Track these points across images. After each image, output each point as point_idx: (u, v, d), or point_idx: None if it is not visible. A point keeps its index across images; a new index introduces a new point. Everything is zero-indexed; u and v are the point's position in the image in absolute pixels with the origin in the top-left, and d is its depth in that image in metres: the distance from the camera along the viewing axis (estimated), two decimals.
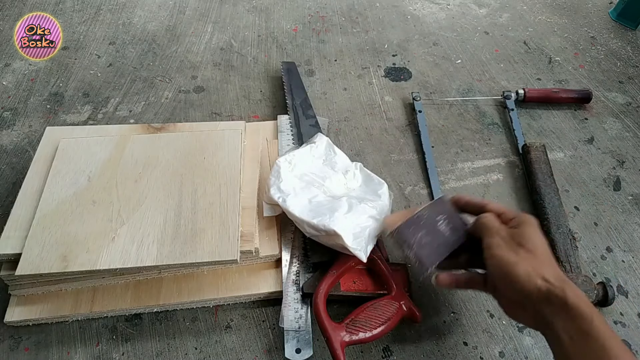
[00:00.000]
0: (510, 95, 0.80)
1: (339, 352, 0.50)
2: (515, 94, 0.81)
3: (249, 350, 0.56)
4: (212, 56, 0.93)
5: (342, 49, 0.96)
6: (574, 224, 0.68)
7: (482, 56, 0.95)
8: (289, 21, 1.02)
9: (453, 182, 0.73)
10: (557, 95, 0.83)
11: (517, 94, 0.81)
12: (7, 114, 0.81)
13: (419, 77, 0.90)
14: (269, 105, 0.84)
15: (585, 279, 0.58)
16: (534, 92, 0.82)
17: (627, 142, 0.79)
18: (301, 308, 0.56)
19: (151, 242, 0.55)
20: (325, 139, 0.66)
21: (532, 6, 1.07)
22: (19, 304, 0.56)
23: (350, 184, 0.64)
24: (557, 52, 0.96)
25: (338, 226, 0.54)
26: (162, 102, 0.84)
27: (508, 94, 0.81)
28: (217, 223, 0.57)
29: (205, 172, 0.63)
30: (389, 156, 0.76)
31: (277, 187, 0.59)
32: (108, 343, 0.56)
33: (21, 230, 0.57)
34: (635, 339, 0.57)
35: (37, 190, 0.61)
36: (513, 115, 0.79)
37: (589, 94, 0.83)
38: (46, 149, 0.66)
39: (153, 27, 0.99)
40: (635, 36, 1.00)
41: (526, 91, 0.81)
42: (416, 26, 1.02)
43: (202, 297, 0.57)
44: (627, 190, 0.72)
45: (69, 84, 0.87)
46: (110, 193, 0.60)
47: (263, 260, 0.60)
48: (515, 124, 0.77)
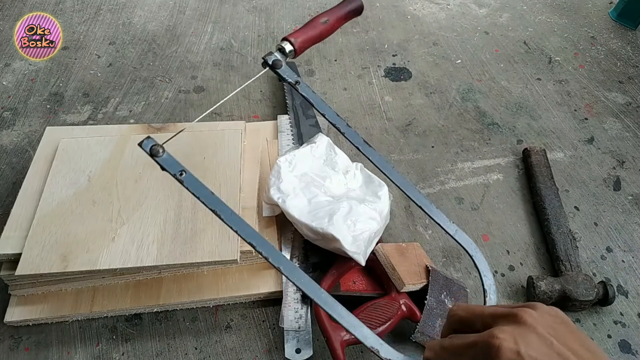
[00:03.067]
0: (279, 62, 0.53)
1: (339, 352, 0.50)
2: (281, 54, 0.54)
3: (249, 350, 0.56)
4: (212, 56, 0.93)
5: (342, 49, 0.96)
6: (574, 224, 0.68)
7: (482, 56, 0.95)
8: (289, 21, 1.02)
9: (453, 182, 0.73)
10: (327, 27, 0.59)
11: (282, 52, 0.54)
12: (7, 114, 0.81)
13: (419, 77, 0.90)
14: (269, 105, 0.84)
15: (586, 278, 0.58)
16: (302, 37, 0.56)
17: (627, 142, 0.79)
18: (301, 308, 0.56)
19: (151, 242, 0.55)
20: (325, 139, 0.66)
21: (532, 6, 1.07)
22: (19, 304, 0.56)
23: (350, 184, 0.64)
24: (557, 52, 0.96)
25: (337, 230, 0.54)
26: (162, 102, 0.84)
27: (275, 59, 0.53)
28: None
29: (205, 172, 0.63)
30: (389, 156, 0.76)
31: (277, 188, 0.59)
32: (108, 343, 0.56)
33: (21, 230, 0.57)
34: (635, 339, 0.57)
35: (37, 190, 0.61)
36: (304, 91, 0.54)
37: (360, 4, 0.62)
38: (46, 149, 0.66)
39: (153, 27, 0.99)
40: (635, 36, 1.00)
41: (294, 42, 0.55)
42: (416, 26, 1.01)
43: (202, 297, 0.57)
44: (627, 190, 0.72)
45: (69, 84, 0.87)
46: (110, 193, 0.60)
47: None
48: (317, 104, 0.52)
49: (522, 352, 0.30)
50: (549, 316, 0.33)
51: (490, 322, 0.33)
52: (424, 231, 0.67)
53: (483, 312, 0.34)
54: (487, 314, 0.34)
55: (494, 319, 0.33)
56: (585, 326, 0.58)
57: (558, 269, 0.61)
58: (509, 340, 0.30)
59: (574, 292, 0.57)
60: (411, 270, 0.56)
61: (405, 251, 0.59)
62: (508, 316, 0.32)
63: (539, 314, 0.32)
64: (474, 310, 0.35)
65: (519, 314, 0.32)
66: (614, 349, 0.56)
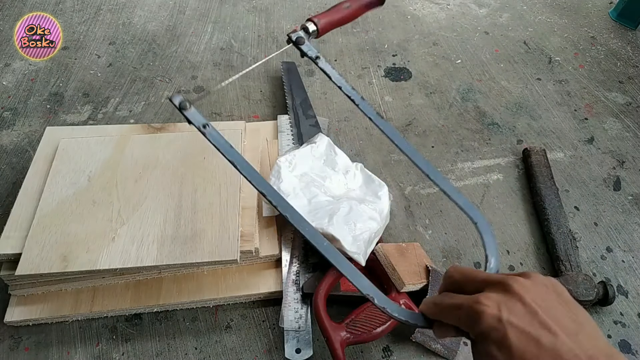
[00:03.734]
0: (302, 39, 0.54)
1: (339, 352, 0.50)
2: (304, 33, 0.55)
3: (249, 350, 0.56)
4: (212, 56, 0.93)
5: (342, 49, 0.96)
6: (574, 224, 0.68)
7: (482, 56, 0.95)
8: (289, 21, 1.02)
9: (453, 182, 0.73)
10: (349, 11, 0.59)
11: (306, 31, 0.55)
12: (7, 114, 0.81)
13: (419, 77, 0.90)
14: (269, 105, 0.84)
15: (586, 278, 0.58)
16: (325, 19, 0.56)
17: (627, 142, 0.79)
18: (301, 308, 0.56)
19: (151, 242, 0.55)
20: (325, 139, 0.66)
21: (532, 6, 1.07)
22: (19, 304, 0.56)
23: (350, 184, 0.64)
24: (557, 52, 0.96)
25: (337, 231, 0.54)
26: (162, 102, 0.84)
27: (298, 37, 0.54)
28: (217, 223, 0.57)
29: (205, 172, 0.63)
30: (389, 156, 0.76)
31: (277, 188, 0.59)
32: (108, 343, 0.56)
33: (21, 230, 0.57)
34: (635, 339, 0.57)
35: (37, 190, 0.61)
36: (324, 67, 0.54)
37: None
38: (46, 149, 0.66)
39: (153, 27, 0.99)
40: (635, 36, 1.00)
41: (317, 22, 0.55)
42: (416, 26, 1.01)
43: (202, 297, 0.57)
44: (627, 190, 0.72)
45: (69, 84, 0.87)
46: (110, 193, 0.60)
47: (263, 260, 0.60)
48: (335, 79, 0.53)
49: (504, 319, 0.31)
50: (542, 286, 0.33)
51: (481, 287, 0.34)
52: (424, 231, 0.67)
53: (476, 277, 0.35)
54: (479, 279, 0.35)
55: (485, 284, 0.34)
56: None
57: (558, 269, 0.61)
58: (493, 307, 0.31)
59: (574, 292, 0.57)
60: (411, 270, 0.56)
61: (405, 251, 0.59)
62: (498, 284, 0.33)
63: (531, 283, 0.33)
64: (469, 275, 0.36)
65: (509, 283, 0.33)
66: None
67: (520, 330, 0.31)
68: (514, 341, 0.30)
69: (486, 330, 0.31)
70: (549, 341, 0.30)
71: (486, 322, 0.31)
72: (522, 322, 0.31)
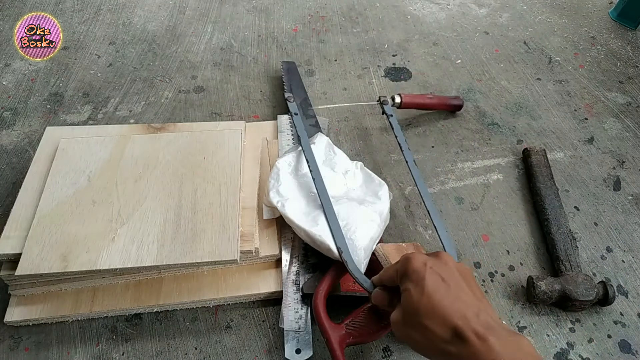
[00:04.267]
0: (387, 101, 0.74)
1: (339, 352, 0.50)
2: (391, 100, 0.75)
3: (249, 350, 0.56)
4: (212, 56, 0.93)
5: (342, 49, 0.96)
6: (574, 224, 0.68)
7: (482, 56, 0.95)
8: (289, 21, 1.02)
9: (453, 182, 0.73)
10: (431, 102, 0.79)
11: (392, 100, 0.75)
12: (7, 114, 0.81)
13: (419, 77, 0.90)
14: (269, 105, 0.84)
15: (586, 278, 0.58)
16: (409, 98, 0.77)
17: (627, 142, 0.79)
18: (301, 308, 0.56)
19: (151, 242, 0.55)
20: (325, 139, 0.66)
21: (532, 6, 1.07)
22: (19, 304, 0.56)
23: (350, 183, 0.64)
24: (557, 52, 0.96)
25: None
26: (162, 102, 0.84)
27: (384, 99, 0.74)
28: (217, 223, 0.57)
29: (205, 172, 0.63)
30: (389, 156, 0.76)
31: (277, 191, 0.59)
32: (108, 343, 0.56)
33: (21, 230, 0.57)
34: (635, 339, 0.57)
35: (37, 190, 0.61)
36: (393, 122, 0.71)
37: (461, 104, 0.81)
38: (46, 149, 0.66)
39: (153, 27, 0.99)
40: (635, 36, 1.00)
41: (402, 97, 0.76)
42: (416, 26, 1.02)
43: (202, 297, 0.57)
44: (627, 190, 0.72)
45: (69, 84, 0.87)
46: (110, 193, 0.60)
47: (263, 260, 0.60)
48: (396, 130, 0.70)
49: (427, 264, 0.42)
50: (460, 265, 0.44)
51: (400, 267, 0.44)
52: (424, 231, 0.67)
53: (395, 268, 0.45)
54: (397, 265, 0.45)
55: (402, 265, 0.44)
56: (585, 326, 0.58)
57: (558, 269, 0.61)
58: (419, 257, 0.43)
59: (574, 292, 0.57)
60: None
61: (405, 251, 0.58)
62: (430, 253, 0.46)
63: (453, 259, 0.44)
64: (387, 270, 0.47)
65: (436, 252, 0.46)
66: (614, 349, 0.56)
67: (437, 276, 0.41)
68: (429, 281, 0.40)
69: (410, 272, 0.42)
70: (455, 291, 0.40)
71: (413, 265, 0.42)
72: (439, 271, 0.41)
